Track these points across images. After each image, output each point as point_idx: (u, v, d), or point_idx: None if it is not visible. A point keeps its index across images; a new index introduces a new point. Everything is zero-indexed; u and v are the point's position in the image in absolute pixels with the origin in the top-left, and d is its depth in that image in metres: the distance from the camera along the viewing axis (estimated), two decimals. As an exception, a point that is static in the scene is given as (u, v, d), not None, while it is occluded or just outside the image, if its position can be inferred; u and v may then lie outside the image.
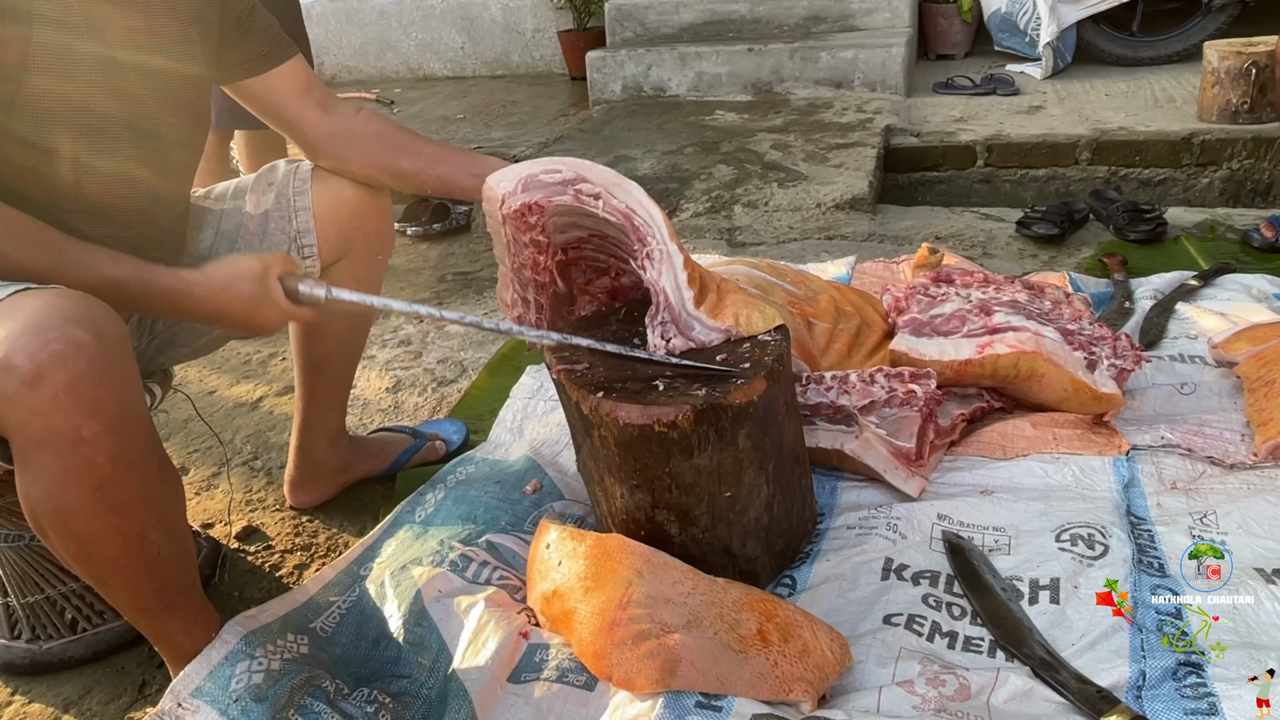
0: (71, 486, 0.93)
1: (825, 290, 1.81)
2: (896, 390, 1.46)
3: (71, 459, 0.91)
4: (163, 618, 1.10)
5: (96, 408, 0.91)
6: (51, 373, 0.87)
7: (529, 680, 1.09)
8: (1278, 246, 2.27)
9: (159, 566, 1.06)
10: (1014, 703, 1.02)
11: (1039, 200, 3.19)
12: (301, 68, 1.33)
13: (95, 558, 1.01)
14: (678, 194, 3.08)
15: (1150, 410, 1.57)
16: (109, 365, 0.92)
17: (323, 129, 1.35)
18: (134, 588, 1.06)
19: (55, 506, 0.95)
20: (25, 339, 0.87)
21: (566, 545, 1.17)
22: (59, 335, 0.88)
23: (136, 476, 0.98)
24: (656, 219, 1.20)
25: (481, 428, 1.81)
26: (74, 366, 0.88)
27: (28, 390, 0.87)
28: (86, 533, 0.98)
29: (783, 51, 4.07)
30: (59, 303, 0.91)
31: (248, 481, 1.75)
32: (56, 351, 0.87)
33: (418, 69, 5.73)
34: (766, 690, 1.01)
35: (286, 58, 1.31)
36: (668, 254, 1.20)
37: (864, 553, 1.29)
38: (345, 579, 1.35)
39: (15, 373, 0.86)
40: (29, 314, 0.89)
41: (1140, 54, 4.05)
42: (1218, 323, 1.82)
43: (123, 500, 0.97)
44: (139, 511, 1.00)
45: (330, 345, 1.53)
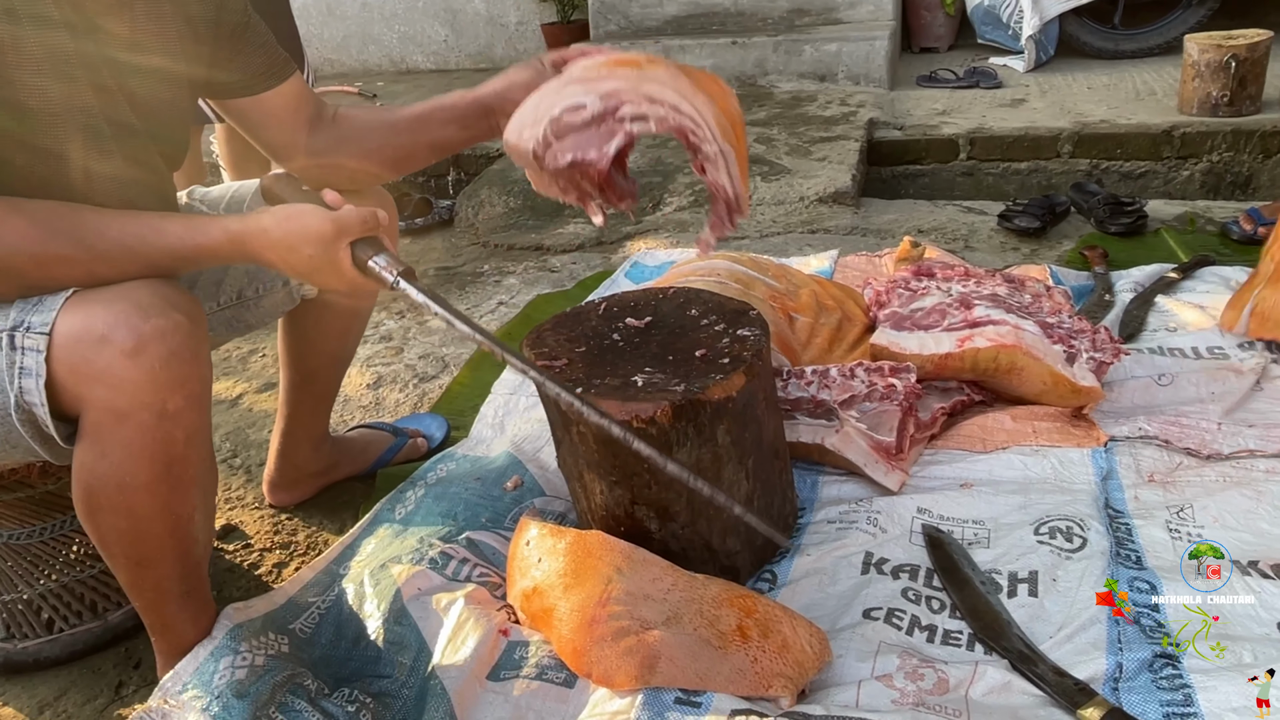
0: (145, 461, 0.96)
1: (807, 284, 1.81)
2: (877, 384, 1.46)
3: (155, 433, 0.95)
4: (177, 605, 1.11)
5: (185, 383, 0.96)
6: (152, 345, 0.92)
7: (508, 678, 1.09)
8: (1256, 239, 2.29)
9: (194, 550, 1.09)
10: (992, 696, 1.03)
11: (1021, 193, 3.20)
12: (296, 87, 1.25)
13: (145, 536, 1.03)
14: (661, 188, 3.07)
15: (1128, 402, 1.58)
16: (199, 345, 0.98)
17: (312, 147, 1.26)
18: (167, 570, 1.07)
19: (121, 482, 0.97)
20: (128, 314, 0.92)
21: (546, 542, 1.17)
22: (159, 311, 0.93)
23: (199, 458, 1.03)
24: (708, 122, 1.06)
25: (463, 424, 1.80)
26: (172, 342, 0.93)
27: (125, 361, 0.91)
28: (146, 509, 1.00)
29: (766, 45, 4.07)
30: (155, 285, 0.97)
31: (226, 479, 1.74)
32: (158, 325, 0.93)
33: (400, 62, 5.69)
34: (746, 686, 1.01)
35: (285, 76, 1.23)
36: (722, 154, 1.09)
37: (844, 547, 1.29)
38: (324, 579, 1.34)
39: (115, 345, 0.91)
40: (129, 294, 0.94)
41: (1122, 47, 4.06)
42: (1197, 315, 1.83)
43: (185, 479, 1.01)
44: (193, 492, 1.04)
45: (322, 358, 1.51)
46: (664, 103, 1.04)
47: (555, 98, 1.05)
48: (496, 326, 2.26)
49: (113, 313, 0.92)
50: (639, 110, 1.03)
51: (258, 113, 1.24)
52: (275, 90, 1.23)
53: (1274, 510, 1.26)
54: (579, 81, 1.07)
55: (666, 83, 1.06)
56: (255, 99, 1.23)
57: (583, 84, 1.05)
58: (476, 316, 2.36)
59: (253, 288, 1.37)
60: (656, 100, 1.04)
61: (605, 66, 1.09)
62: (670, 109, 1.04)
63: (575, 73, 1.11)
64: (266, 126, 1.25)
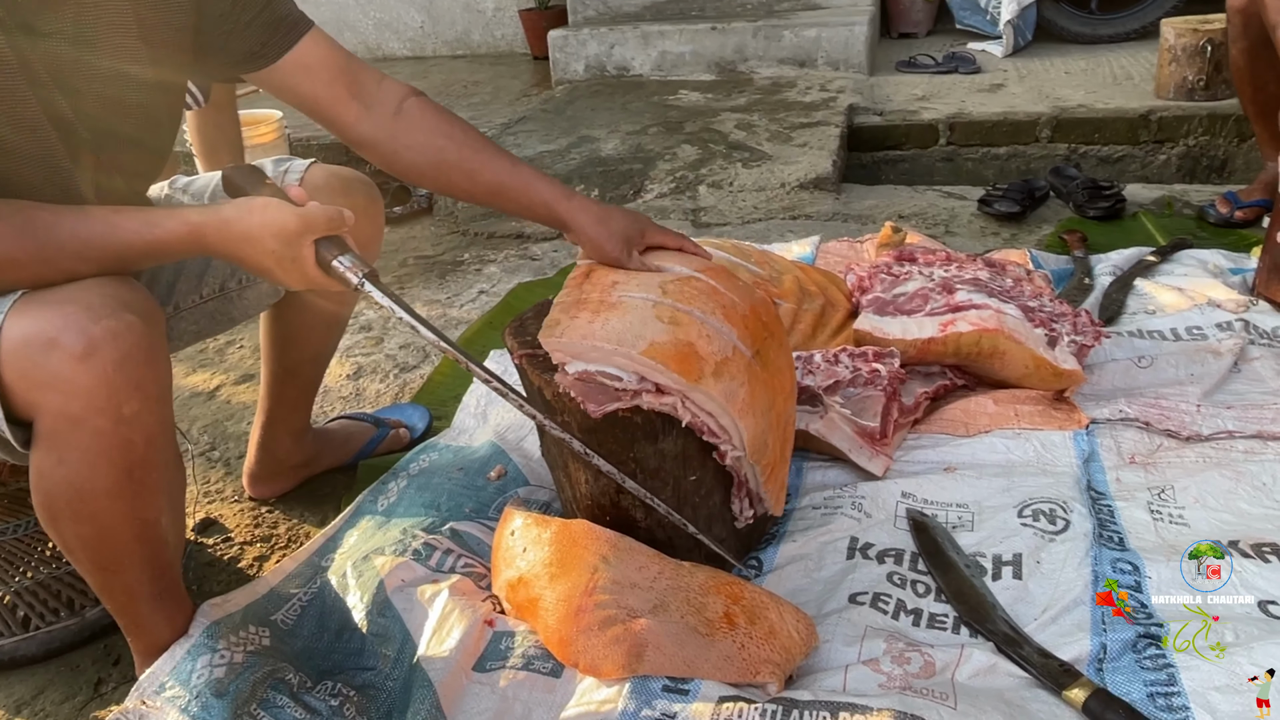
0: (104, 467, 0.93)
1: (789, 270, 1.81)
2: (860, 370, 1.46)
3: (112, 438, 0.92)
4: (149, 606, 1.08)
5: (140, 385, 0.92)
6: (104, 348, 0.88)
7: (494, 669, 1.08)
8: (1233, 221, 2.31)
9: (163, 553, 1.06)
10: (978, 678, 1.03)
11: (1000, 178, 3.21)
12: (321, 49, 1.15)
13: (109, 542, 1.00)
14: (642, 175, 3.06)
15: (1109, 384, 1.59)
16: (154, 345, 0.94)
17: (365, 131, 1.17)
18: (135, 574, 1.05)
19: (80, 488, 0.94)
20: (77, 316, 0.88)
21: (531, 532, 1.16)
22: (111, 313, 0.90)
23: (161, 461, 1.00)
24: (737, 430, 1.12)
25: (445, 413, 1.78)
26: (124, 344, 0.90)
27: (76, 365, 0.87)
28: (108, 515, 0.97)
29: (746, 30, 4.05)
30: (107, 285, 0.93)
31: (205, 473, 1.71)
32: (110, 327, 0.89)
33: (376, 49, 5.63)
34: (733, 673, 1.01)
35: (296, 39, 1.13)
36: (745, 463, 1.15)
37: (829, 532, 1.29)
38: (306, 570, 1.33)
39: (64, 349, 0.87)
40: (79, 295, 0.90)
41: (1099, 31, 4.08)
42: (1176, 298, 1.85)
43: (148, 483, 0.98)
44: (158, 496, 1.01)
45: (304, 354, 1.49)
46: (700, 410, 1.08)
47: (603, 358, 1.07)
48: (478, 315, 2.24)
49: (62, 315, 0.88)
50: (666, 402, 1.07)
51: (288, 81, 1.15)
52: (291, 57, 1.13)
53: (1253, 490, 1.27)
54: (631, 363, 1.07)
55: (715, 397, 1.08)
56: (274, 69, 1.14)
57: (636, 364, 1.06)
58: (457, 305, 2.34)
59: (235, 280, 1.34)
60: (696, 405, 1.08)
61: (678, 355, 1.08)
62: (702, 414, 1.08)
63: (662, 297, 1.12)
64: (306, 98, 1.16)
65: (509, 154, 1.21)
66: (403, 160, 1.19)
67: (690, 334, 1.11)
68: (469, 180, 1.19)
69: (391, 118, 1.17)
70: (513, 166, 1.19)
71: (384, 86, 1.19)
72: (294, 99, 1.17)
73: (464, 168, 1.18)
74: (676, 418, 1.08)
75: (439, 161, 1.18)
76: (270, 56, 1.14)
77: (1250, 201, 2.32)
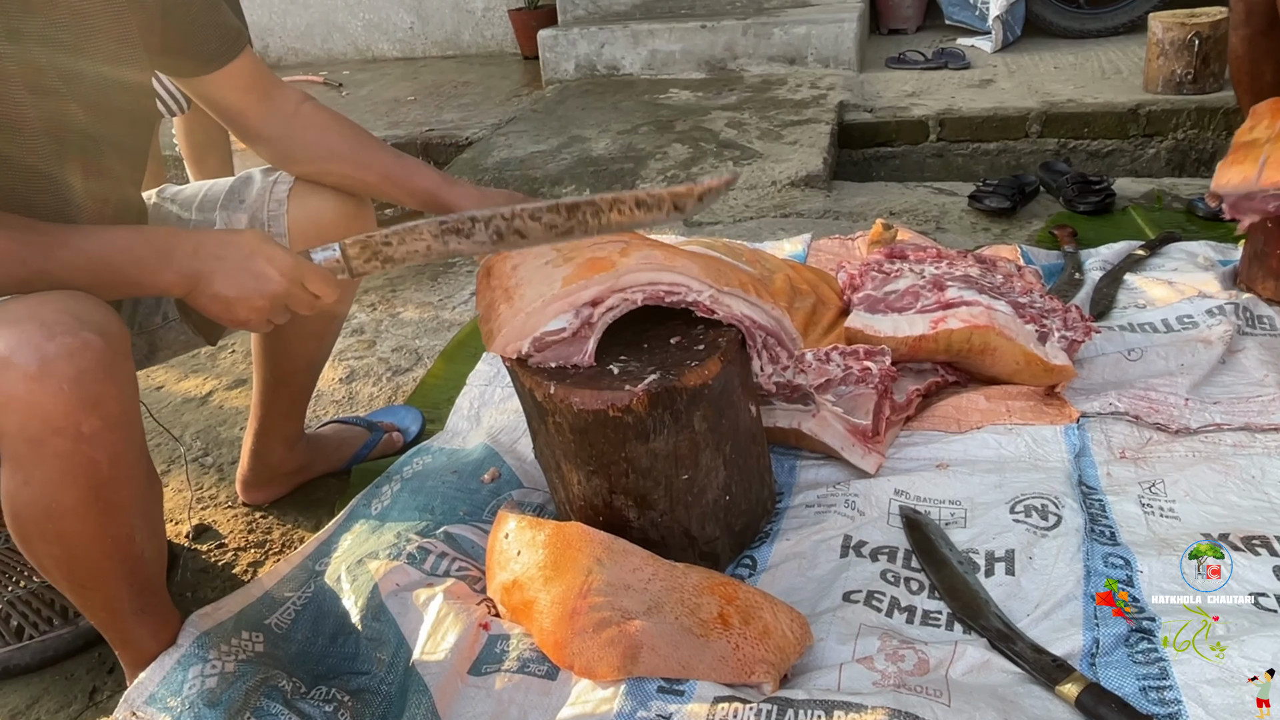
0: (68, 487, 0.92)
1: (781, 269, 1.81)
2: (852, 368, 1.46)
3: (72, 457, 0.90)
4: (133, 621, 1.08)
5: (99, 404, 0.90)
6: (58, 366, 0.87)
7: (490, 672, 1.08)
8: (1221, 215, 2.32)
9: (141, 569, 1.05)
10: (972, 674, 1.04)
11: (990, 174, 3.21)
12: (249, 64, 1.24)
13: (82, 561, 0.99)
14: (633, 174, 3.06)
15: (1099, 378, 1.60)
16: (114, 362, 0.92)
17: (265, 130, 1.26)
18: (113, 591, 1.04)
19: (47, 508, 0.93)
20: (31, 334, 0.86)
21: (525, 534, 1.16)
22: (65, 330, 0.88)
23: (131, 478, 0.98)
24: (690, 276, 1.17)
25: (438, 416, 1.78)
26: (80, 361, 0.88)
27: (30, 384, 0.86)
28: (77, 535, 0.96)
29: (735, 28, 4.05)
30: (64, 301, 0.91)
31: (198, 479, 1.71)
32: (65, 345, 0.87)
33: (366, 50, 5.61)
34: (728, 673, 1.01)
35: (235, 54, 1.21)
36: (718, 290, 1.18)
37: (823, 530, 1.29)
38: (300, 574, 1.33)
39: (18, 368, 0.85)
40: (32, 311, 0.88)
41: (1087, 26, 4.09)
42: (1166, 291, 1.85)
43: (116, 502, 0.97)
44: (130, 514, 0.99)
45: (297, 360, 1.49)
46: (633, 286, 1.14)
47: (539, 318, 1.12)
48: (470, 317, 2.24)
49: (17, 334, 0.86)
50: (610, 304, 1.13)
51: (211, 89, 1.22)
52: (228, 69, 1.21)
53: (1242, 484, 1.28)
54: (560, 299, 1.12)
55: (636, 267, 1.13)
56: (208, 78, 1.21)
57: (563, 300, 1.12)
58: (449, 307, 2.33)
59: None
60: (626, 288, 1.13)
61: (585, 267, 1.13)
62: (642, 287, 1.14)
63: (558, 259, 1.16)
64: (219, 101, 1.24)
65: (394, 149, 1.30)
66: (297, 156, 1.28)
67: (585, 254, 1.16)
68: (359, 170, 1.28)
69: (288, 119, 1.26)
70: (398, 159, 1.29)
71: (283, 91, 1.28)
72: (213, 104, 1.25)
73: (353, 159, 1.28)
74: (650, 303, 1.14)
75: (330, 155, 1.27)
76: (219, 62, 1.20)
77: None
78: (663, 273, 1.15)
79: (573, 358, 1.14)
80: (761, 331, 1.20)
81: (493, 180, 3.13)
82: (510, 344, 1.14)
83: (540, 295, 1.12)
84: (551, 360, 1.15)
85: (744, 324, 1.19)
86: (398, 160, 1.29)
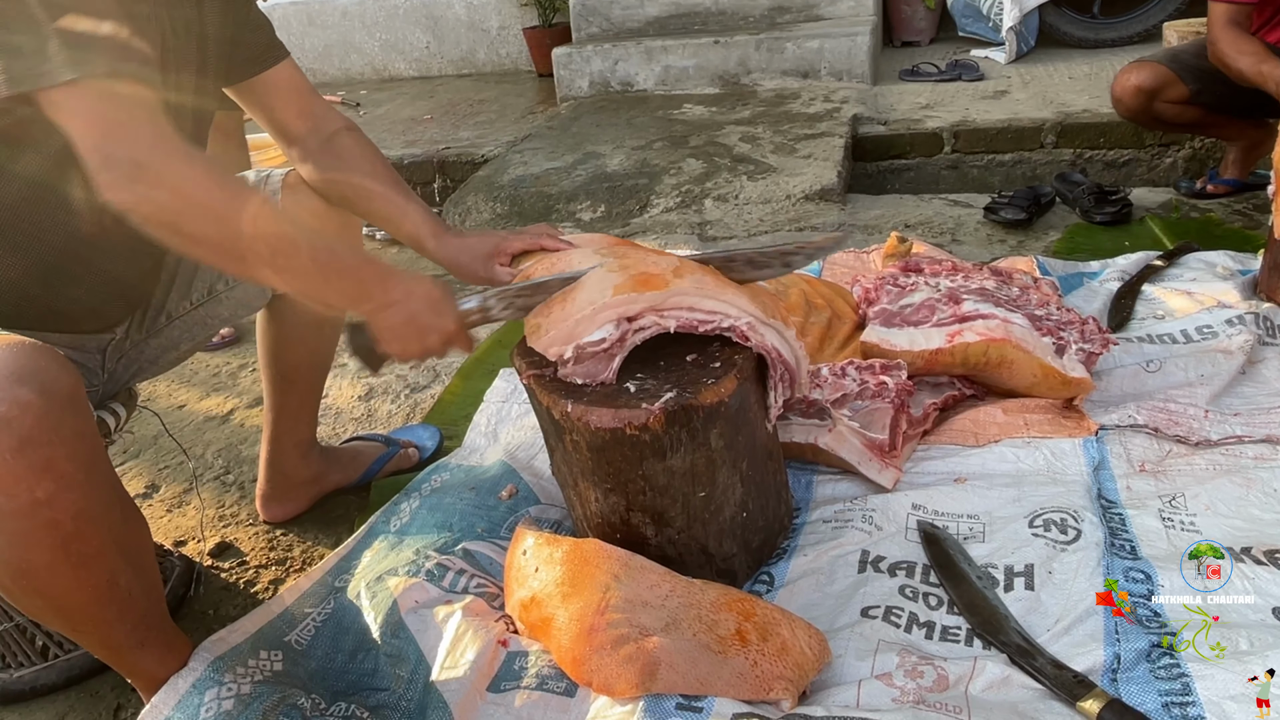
0: (35, 548, 0.91)
1: (795, 283, 1.81)
2: (868, 382, 1.46)
3: (33, 520, 0.89)
4: (136, 654, 1.08)
5: (49, 467, 0.88)
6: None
7: (509, 689, 1.09)
8: (1202, 193, 2.45)
9: (131, 607, 1.04)
10: (992, 691, 1.03)
11: (1006, 185, 3.21)
12: (295, 70, 1.31)
13: (65, 610, 0.99)
14: (647, 190, 3.07)
15: (1118, 390, 1.59)
16: (58, 422, 0.88)
17: (308, 140, 1.31)
18: (106, 631, 1.04)
19: (19, 568, 0.92)
20: None
21: (543, 551, 1.17)
22: (2, 397, 0.84)
23: (101, 527, 0.96)
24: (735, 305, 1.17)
25: (456, 433, 1.79)
26: (19, 428, 0.85)
27: None
28: (55, 589, 0.95)
29: (749, 43, 4.07)
30: (5, 359, 0.87)
31: (220, 496, 1.73)
32: (0, 414, 0.84)
33: (383, 70, 5.68)
34: (747, 690, 1.01)
35: (284, 55, 1.29)
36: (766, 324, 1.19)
37: (840, 546, 1.29)
38: (320, 590, 1.34)
39: None
40: None
41: (1102, 36, 4.08)
42: (1184, 302, 1.84)
43: (89, 552, 0.95)
44: (107, 560, 0.98)
45: (300, 355, 1.51)
46: (673, 309, 1.13)
47: (587, 325, 1.11)
48: (487, 334, 2.25)
49: None
50: (643, 324, 1.13)
51: (261, 91, 1.28)
52: (274, 71, 1.27)
53: (1264, 497, 1.26)
54: (610, 308, 1.11)
55: (690, 290, 1.13)
56: (259, 80, 1.27)
57: (612, 310, 1.11)
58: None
59: (224, 281, 1.37)
60: (667, 309, 1.13)
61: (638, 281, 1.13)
62: (682, 311, 1.13)
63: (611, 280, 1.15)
64: (270, 108, 1.29)
65: (407, 193, 1.31)
66: (321, 171, 1.32)
67: (640, 266, 1.16)
68: (363, 202, 1.32)
69: (328, 139, 1.31)
70: (402, 203, 1.30)
71: (326, 110, 1.33)
72: (261, 107, 1.30)
73: (359, 204, 1.32)
74: (682, 329, 1.13)
75: (346, 187, 1.32)
76: (270, 61, 1.27)
77: (1223, 179, 2.52)
78: (710, 300, 1.14)
79: (599, 375, 1.14)
80: (782, 364, 1.20)
81: (509, 197, 3.15)
82: (555, 346, 1.13)
83: (591, 302, 1.11)
84: (579, 377, 1.14)
85: (770, 355, 1.18)
86: (403, 204, 1.31)
